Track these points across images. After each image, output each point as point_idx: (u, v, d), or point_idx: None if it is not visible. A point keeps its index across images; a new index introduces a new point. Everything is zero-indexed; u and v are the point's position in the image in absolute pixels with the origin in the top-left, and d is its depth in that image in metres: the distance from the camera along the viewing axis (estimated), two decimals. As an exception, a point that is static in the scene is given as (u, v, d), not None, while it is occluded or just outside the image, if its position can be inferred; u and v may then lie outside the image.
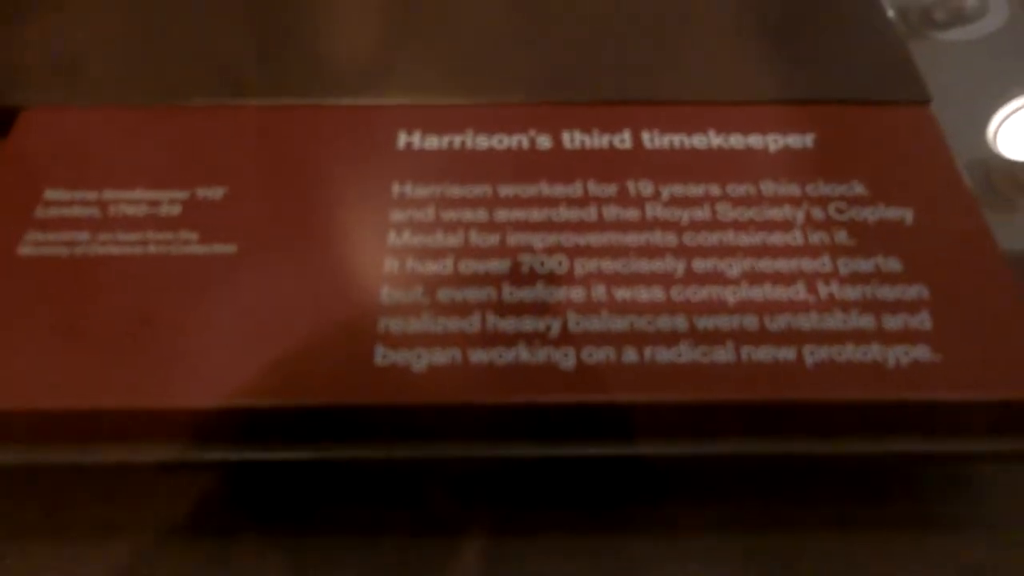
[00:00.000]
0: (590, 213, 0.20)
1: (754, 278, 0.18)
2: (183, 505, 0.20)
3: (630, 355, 0.17)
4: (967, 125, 0.27)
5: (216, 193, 0.20)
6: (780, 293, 0.18)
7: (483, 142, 0.21)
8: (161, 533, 0.19)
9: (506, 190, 0.20)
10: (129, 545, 0.19)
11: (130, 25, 0.25)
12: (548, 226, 0.19)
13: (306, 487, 0.20)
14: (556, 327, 0.18)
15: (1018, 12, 0.30)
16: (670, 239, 0.19)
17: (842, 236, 0.19)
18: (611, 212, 0.20)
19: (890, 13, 0.26)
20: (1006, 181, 0.25)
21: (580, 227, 0.19)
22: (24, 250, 0.19)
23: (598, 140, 0.21)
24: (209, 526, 0.19)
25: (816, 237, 0.19)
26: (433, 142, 0.21)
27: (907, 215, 0.19)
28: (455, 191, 0.20)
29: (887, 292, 0.18)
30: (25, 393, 0.17)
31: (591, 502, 0.20)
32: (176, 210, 0.20)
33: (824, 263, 0.19)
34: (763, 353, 0.17)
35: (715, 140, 0.21)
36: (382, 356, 0.17)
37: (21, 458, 0.18)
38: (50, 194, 0.20)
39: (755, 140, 0.21)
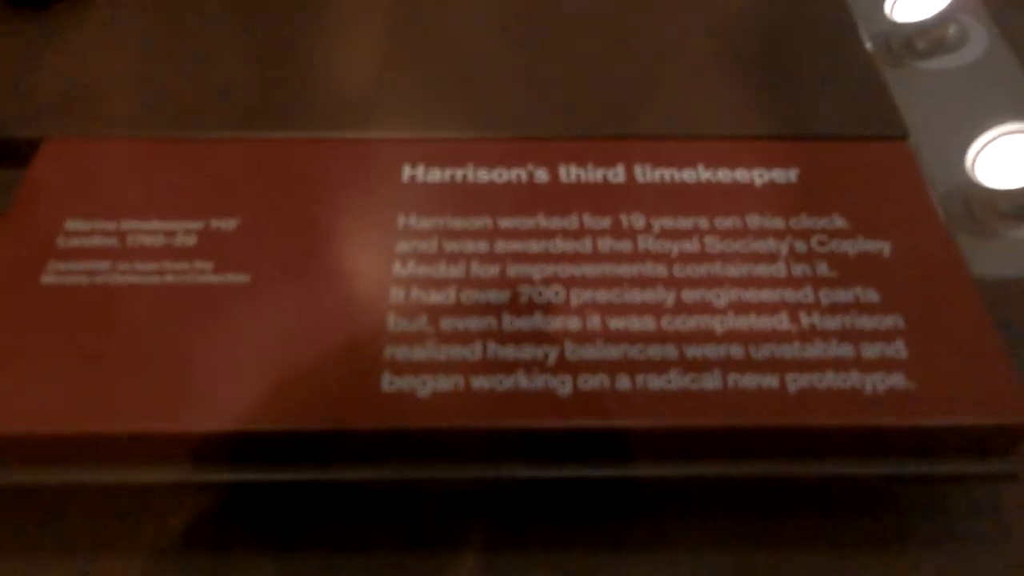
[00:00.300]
0: (585, 245, 0.21)
1: (740, 308, 0.19)
2: (179, 521, 0.20)
3: (623, 382, 0.18)
4: (947, 152, 0.28)
5: (229, 224, 0.21)
6: (764, 323, 0.19)
7: (484, 175, 0.22)
8: (156, 549, 0.20)
9: (506, 222, 0.21)
10: (125, 560, 0.20)
11: (146, 58, 0.26)
12: (546, 258, 0.20)
13: (307, 505, 0.21)
14: (553, 355, 0.19)
15: (997, 42, 0.32)
16: (661, 270, 0.20)
17: (823, 268, 0.20)
18: (605, 244, 0.21)
19: (868, 44, 0.27)
20: (985, 208, 0.27)
21: (576, 259, 0.20)
22: (47, 279, 0.20)
23: (593, 174, 0.22)
24: (204, 542, 0.20)
25: (799, 269, 0.20)
26: (436, 175, 0.22)
27: (885, 248, 0.21)
28: (457, 223, 0.21)
29: (865, 322, 0.19)
30: (45, 417, 0.18)
31: (587, 520, 0.21)
32: (191, 240, 0.21)
33: (806, 294, 0.20)
34: (748, 380, 0.18)
35: (704, 174, 0.22)
36: (389, 382, 0.18)
37: (34, 478, 0.19)
38: (71, 224, 0.21)
39: (741, 175, 0.22)
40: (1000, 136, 0.27)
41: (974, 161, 0.27)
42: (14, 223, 0.21)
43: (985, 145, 0.28)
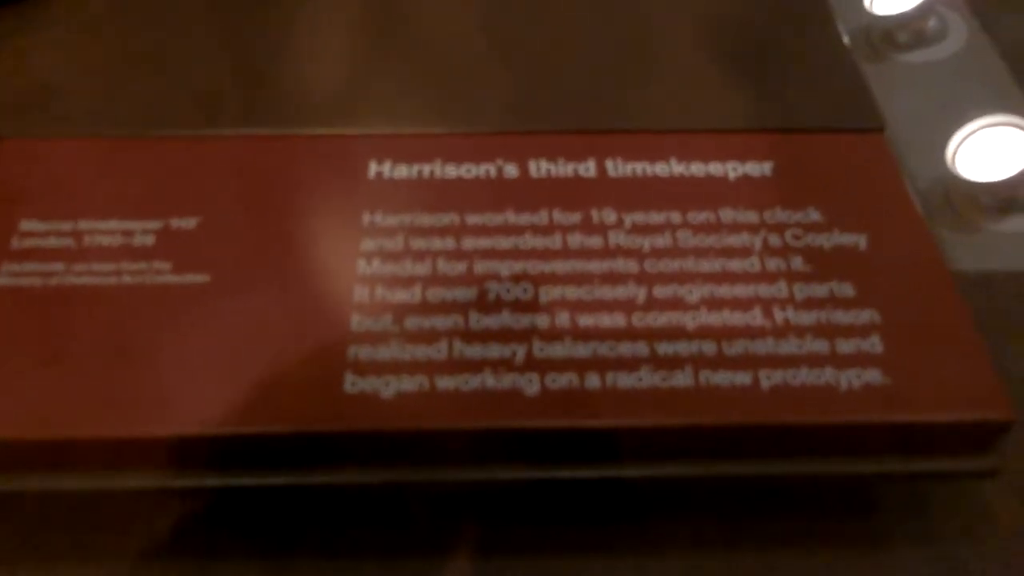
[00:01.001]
0: (555, 241, 0.20)
1: (713, 304, 0.19)
2: (162, 529, 0.20)
3: (592, 380, 0.18)
4: (928, 145, 0.27)
5: (189, 223, 0.21)
6: (738, 318, 0.19)
7: (452, 171, 0.22)
8: (140, 557, 0.20)
9: (474, 219, 0.20)
10: (108, 569, 0.19)
11: (107, 55, 0.25)
12: (514, 254, 0.20)
13: (280, 511, 0.20)
14: (521, 354, 0.18)
15: (977, 34, 0.31)
16: (632, 266, 0.20)
17: (798, 262, 0.20)
18: (575, 240, 0.20)
19: (847, 38, 0.26)
20: (966, 201, 0.26)
21: (545, 255, 0.20)
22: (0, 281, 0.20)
23: (563, 169, 0.22)
24: (188, 550, 0.20)
25: (773, 263, 0.20)
26: (403, 171, 0.22)
27: (861, 241, 0.20)
28: (424, 220, 0.21)
29: (840, 317, 0.19)
30: (2, 422, 0.17)
31: (573, 523, 0.20)
32: (150, 240, 0.20)
33: (780, 289, 0.19)
34: (721, 377, 0.18)
35: (676, 168, 0.22)
36: (351, 383, 0.18)
37: (1, 485, 0.18)
38: (25, 225, 0.21)
39: (715, 168, 0.22)
40: (981, 129, 0.27)
41: (955, 154, 0.27)
42: (-32, 224, 0.21)
43: (966, 138, 0.27)
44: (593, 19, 0.26)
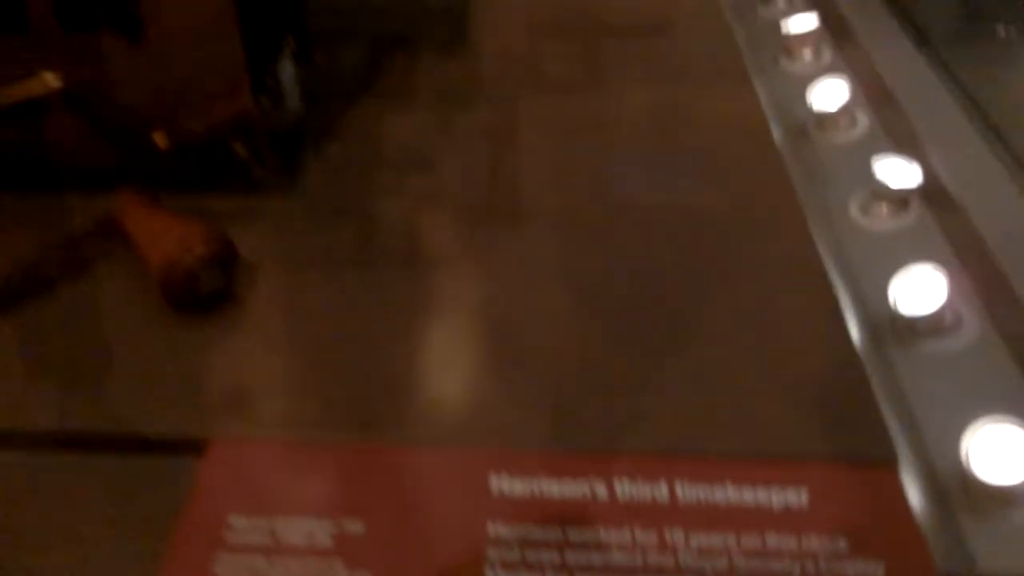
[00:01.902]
0: (636, 559, 0.26)
1: None
2: None
3: None
4: (944, 435, 0.32)
5: (358, 527, 0.27)
6: None
7: (555, 488, 0.28)
8: None
9: (574, 534, 0.27)
10: None
11: (286, 363, 0.33)
12: (606, 570, 0.26)
13: None
14: None
15: (988, 329, 0.36)
16: None
17: None
18: (653, 559, 0.26)
19: (868, 333, 0.32)
20: (983, 497, 0.30)
21: (630, 572, 0.26)
22: (217, 570, 0.26)
23: (641, 490, 0.28)
24: None
25: None
26: (517, 486, 0.28)
27: (879, 571, 0.25)
28: (536, 533, 0.27)
29: None
30: None
31: None
32: (328, 542, 0.27)
33: None
34: None
35: (732, 494, 0.28)
36: None
37: None
38: (234, 520, 0.27)
39: (762, 495, 0.27)
40: (991, 425, 0.31)
41: (968, 451, 0.31)
42: (190, 517, 0.27)
43: (979, 429, 0.31)
44: (664, 349, 0.33)
